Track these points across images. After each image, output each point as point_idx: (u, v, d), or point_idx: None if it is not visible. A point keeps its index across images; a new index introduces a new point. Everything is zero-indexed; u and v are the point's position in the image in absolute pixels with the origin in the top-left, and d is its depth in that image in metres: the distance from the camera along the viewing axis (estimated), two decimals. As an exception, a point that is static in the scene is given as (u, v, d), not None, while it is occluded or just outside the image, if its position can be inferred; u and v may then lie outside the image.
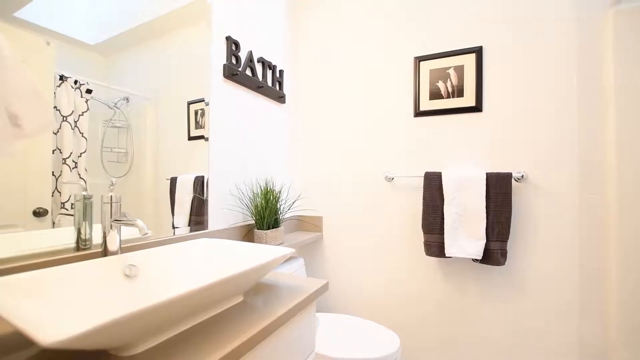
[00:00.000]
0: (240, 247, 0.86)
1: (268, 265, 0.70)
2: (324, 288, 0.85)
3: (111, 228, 0.76)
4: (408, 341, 1.51)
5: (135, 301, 0.65)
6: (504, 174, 1.28)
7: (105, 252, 0.76)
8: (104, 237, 0.76)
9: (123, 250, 0.83)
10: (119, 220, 0.74)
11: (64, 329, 0.35)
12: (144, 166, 0.95)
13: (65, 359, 0.47)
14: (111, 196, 0.76)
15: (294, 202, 1.47)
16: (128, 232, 0.88)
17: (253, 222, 1.37)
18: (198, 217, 1.14)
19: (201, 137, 1.14)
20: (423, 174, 1.44)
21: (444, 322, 1.44)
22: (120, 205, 0.77)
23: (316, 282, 0.86)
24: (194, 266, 0.82)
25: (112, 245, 0.76)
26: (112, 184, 0.82)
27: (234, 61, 1.28)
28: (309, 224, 1.72)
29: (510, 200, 1.26)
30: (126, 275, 0.70)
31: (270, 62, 1.52)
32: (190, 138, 1.11)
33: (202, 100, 1.14)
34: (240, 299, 0.71)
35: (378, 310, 1.58)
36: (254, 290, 0.79)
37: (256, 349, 0.59)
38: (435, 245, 1.35)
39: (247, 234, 1.34)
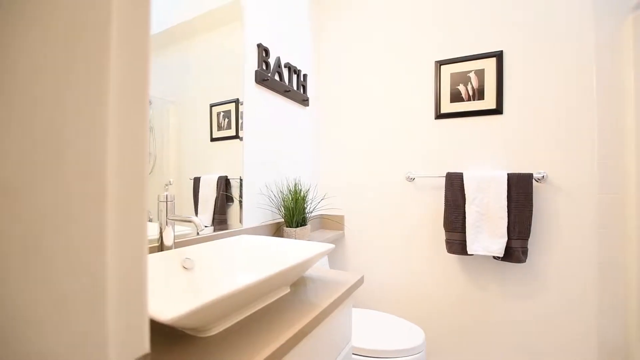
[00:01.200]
0: (282, 243, 0.92)
1: (313, 259, 0.76)
2: (360, 281, 0.90)
3: (166, 224, 0.83)
4: (429, 335, 1.56)
5: (205, 289, 0.72)
6: (524, 174, 1.32)
7: (161, 247, 0.82)
8: (160, 233, 0.83)
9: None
10: (175, 217, 0.81)
11: (171, 309, 0.41)
12: (167, 166, 0.96)
13: (154, 341, 0.53)
14: (167, 195, 0.82)
15: (319, 202, 1.53)
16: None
17: (281, 220, 1.43)
18: (221, 215, 1.17)
19: (224, 138, 1.17)
20: (444, 175, 1.48)
21: (465, 318, 1.48)
22: (174, 203, 0.84)
23: (352, 275, 0.91)
24: (244, 260, 0.88)
25: (168, 241, 0.83)
26: (170, 183, 0.88)
27: (264, 67, 1.34)
28: (331, 222, 1.78)
29: (531, 200, 1.30)
30: (184, 268, 0.76)
31: (296, 67, 1.58)
32: (213, 139, 1.13)
33: (224, 103, 1.17)
34: (287, 290, 0.77)
35: (400, 306, 1.63)
36: (297, 283, 0.85)
37: (308, 336, 0.65)
38: (457, 243, 1.40)
39: (277, 232, 1.40)
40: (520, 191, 1.31)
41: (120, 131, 0.24)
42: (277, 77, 1.43)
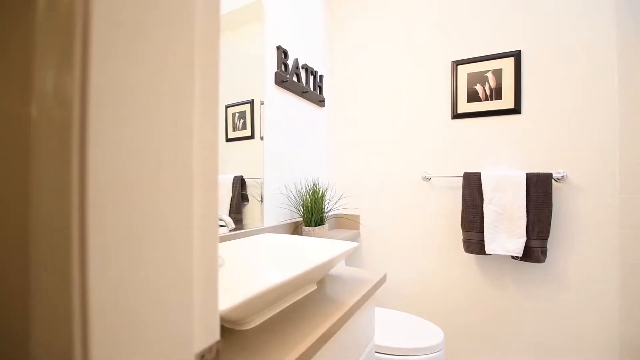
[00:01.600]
0: (306, 241, 0.94)
1: (340, 257, 0.77)
2: (383, 280, 0.92)
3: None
4: (446, 335, 1.56)
5: (240, 285, 0.74)
6: (544, 174, 1.31)
7: (192, 244, 0.85)
8: (190, 231, 0.85)
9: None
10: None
11: (221, 302, 0.43)
12: None
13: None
14: (196, 195, 0.85)
15: (337, 201, 1.55)
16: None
17: (299, 219, 1.45)
18: (237, 215, 1.18)
19: (239, 138, 1.18)
20: (461, 174, 1.49)
21: (482, 318, 1.48)
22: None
23: (375, 273, 0.93)
24: (271, 257, 0.90)
25: (197, 238, 0.86)
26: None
27: (283, 69, 1.37)
28: (347, 221, 1.79)
29: (551, 200, 1.29)
30: (215, 265, 0.79)
31: (313, 68, 1.60)
32: (228, 140, 1.14)
33: (240, 104, 1.18)
34: (314, 287, 0.79)
35: (416, 305, 1.64)
36: (321, 280, 0.87)
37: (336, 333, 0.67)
38: (475, 242, 1.40)
39: (295, 230, 1.42)
40: (540, 191, 1.31)
41: (200, 139, 0.27)
42: (295, 79, 1.46)
